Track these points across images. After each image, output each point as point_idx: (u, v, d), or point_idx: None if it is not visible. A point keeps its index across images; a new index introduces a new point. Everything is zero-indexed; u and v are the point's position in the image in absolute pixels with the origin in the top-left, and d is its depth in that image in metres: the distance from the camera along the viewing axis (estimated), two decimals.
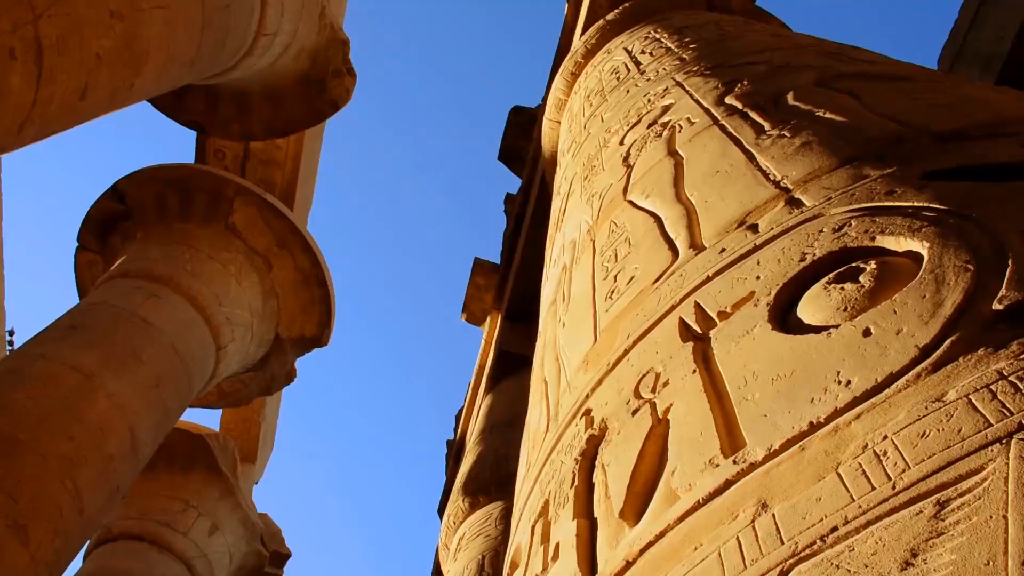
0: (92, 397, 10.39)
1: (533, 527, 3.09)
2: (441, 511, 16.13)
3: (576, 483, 2.81)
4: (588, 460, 2.87)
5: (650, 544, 2.17)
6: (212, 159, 16.50)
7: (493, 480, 12.86)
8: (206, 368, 13.52)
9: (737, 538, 1.87)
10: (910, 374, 1.90)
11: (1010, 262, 2.06)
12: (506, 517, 11.28)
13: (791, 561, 1.70)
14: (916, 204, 2.53)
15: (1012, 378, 1.72)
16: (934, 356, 1.90)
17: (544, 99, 13.26)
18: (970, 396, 1.73)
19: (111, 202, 14.82)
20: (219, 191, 14.81)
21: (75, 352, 10.82)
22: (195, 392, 13.38)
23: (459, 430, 16.88)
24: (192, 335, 12.96)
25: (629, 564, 2.21)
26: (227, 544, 17.17)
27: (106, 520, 14.13)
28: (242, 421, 20.02)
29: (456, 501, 13.16)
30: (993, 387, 1.72)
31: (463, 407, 16.77)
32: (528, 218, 13.73)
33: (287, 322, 15.76)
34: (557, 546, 2.68)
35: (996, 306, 1.93)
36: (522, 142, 14.66)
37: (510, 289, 14.67)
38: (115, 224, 14.93)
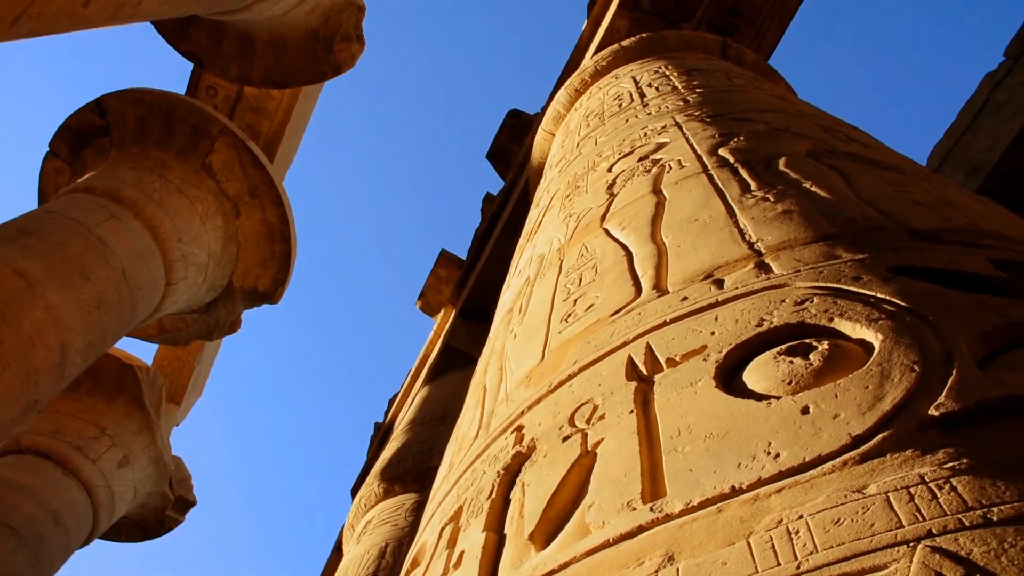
0: (29, 305, 10.19)
1: (442, 529, 3.08)
2: (355, 491, 16.04)
3: (493, 496, 2.81)
4: (510, 475, 2.87)
5: (552, 572, 2.17)
6: (203, 95, 16.30)
7: (413, 471, 12.83)
8: (152, 300, 13.32)
9: None
10: (837, 460, 1.92)
11: (955, 371, 2.10)
12: (417, 510, 11.25)
13: None
14: (879, 295, 2.57)
15: (932, 484, 1.75)
16: (864, 447, 1.93)
17: (543, 109, 13.28)
18: (889, 494, 1.76)
19: (92, 115, 14.56)
20: (204, 127, 14.62)
21: (21, 257, 10.60)
22: (136, 322, 13.18)
23: (390, 415, 16.81)
24: (145, 264, 12.76)
25: None
26: (134, 480, 16.91)
27: (17, 431, 13.85)
28: (176, 360, 19.76)
29: (371, 484, 13.10)
30: (912, 489, 1.75)
31: (399, 393, 16.70)
32: (503, 221, 13.72)
33: (243, 272, 15.60)
34: (462, 554, 2.68)
35: (932, 412, 1.97)
36: (513, 145, 14.67)
37: (470, 287, 14.64)
38: (91, 139, 14.67)
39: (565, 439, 2.69)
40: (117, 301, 11.94)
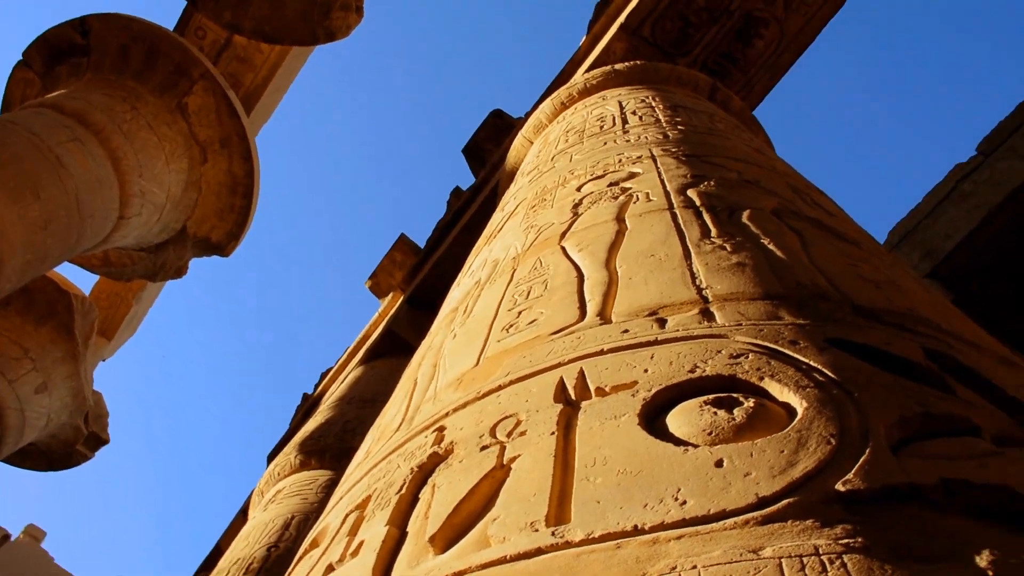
0: None
1: (347, 515, 3.07)
2: (271, 458, 15.90)
3: (403, 491, 2.81)
4: (423, 474, 2.87)
5: None
6: (191, 35, 16.04)
7: (333, 448, 12.78)
8: (101, 231, 13.06)
9: None
10: (740, 518, 1.95)
11: (868, 451, 2.14)
12: (330, 488, 11.18)
13: None
14: (811, 363, 2.62)
15: (824, 557, 1.79)
16: (768, 510, 1.96)
17: (527, 114, 13.29)
18: (782, 559, 1.79)
19: (73, 32, 14.24)
20: (186, 67, 14.38)
21: None
22: (80, 249, 12.92)
23: (320, 387, 16.69)
24: (100, 194, 12.50)
25: None
26: (49, 408, 16.54)
27: None
28: (115, 295, 19.41)
29: (289, 454, 13.00)
30: (805, 559, 1.79)
31: (333, 368, 16.59)
32: (466, 218, 13.72)
33: (199, 220, 15.37)
34: (361, 544, 2.67)
35: (839, 486, 2.01)
36: (490, 145, 14.67)
37: (422, 276, 14.60)
38: (68, 56, 14.34)
39: (483, 448, 2.70)
40: (65, 225, 11.68)
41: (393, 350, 14.64)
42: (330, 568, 2.73)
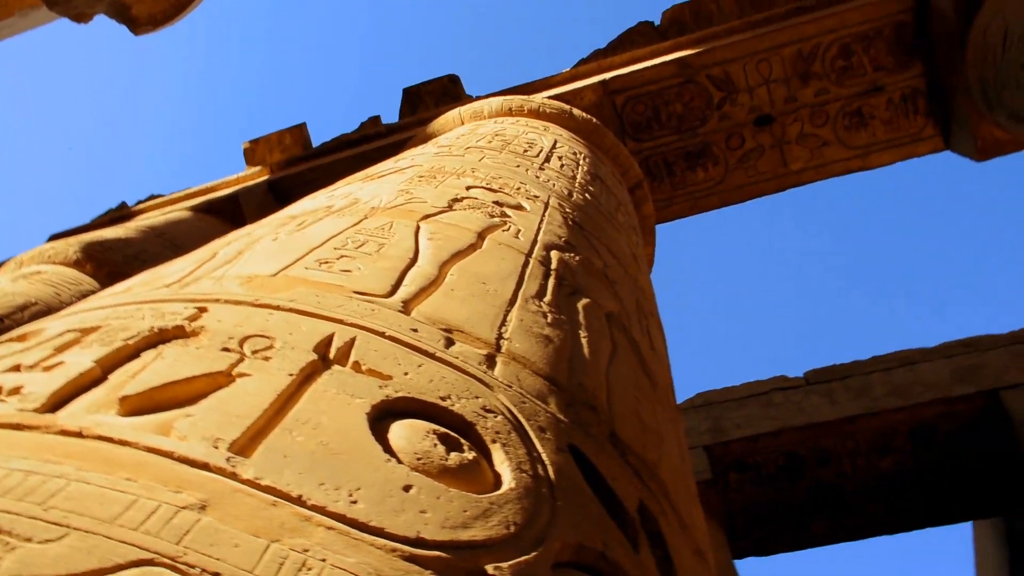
0: None
1: (68, 331, 2.95)
2: (53, 238, 15.05)
3: (130, 341, 2.73)
4: (159, 338, 2.80)
5: (110, 440, 2.14)
6: None
7: (115, 264, 12.29)
8: None
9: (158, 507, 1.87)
10: (391, 543, 1.99)
11: (533, 554, 2.24)
12: (84, 298, 10.70)
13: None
14: (543, 456, 2.71)
15: None
16: (418, 551, 2.02)
17: (478, 98, 13.27)
18: None
19: None
20: None
21: None
22: None
23: (141, 206, 15.94)
24: None
25: (81, 436, 2.15)
26: None
27: None
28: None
29: (71, 245, 12.37)
30: None
31: (164, 196, 15.88)
32: (368, 147, 13.55)
33: None
34: (60, 364, 2.59)
35: (489, 568, 2.09)
36: (431, 100, 14.54)
37: (297, 171, 14.27)
38: None
39: (224, 349, 2.66)
40: None
41: (228, 216, 14.21)
42: (16, 368, 2.62)
